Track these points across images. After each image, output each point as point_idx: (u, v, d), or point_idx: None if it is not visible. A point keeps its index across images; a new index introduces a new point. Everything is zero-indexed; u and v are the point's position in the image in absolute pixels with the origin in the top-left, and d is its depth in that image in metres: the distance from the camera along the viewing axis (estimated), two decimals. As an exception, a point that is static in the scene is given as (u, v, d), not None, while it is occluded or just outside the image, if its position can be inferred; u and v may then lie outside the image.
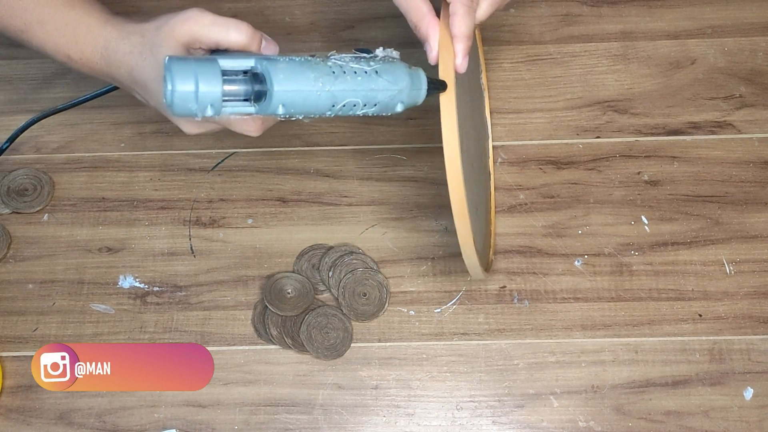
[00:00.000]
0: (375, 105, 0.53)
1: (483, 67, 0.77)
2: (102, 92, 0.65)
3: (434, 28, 0.56)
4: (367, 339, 0.69)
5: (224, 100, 0.49)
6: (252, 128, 0.56)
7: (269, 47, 0.56)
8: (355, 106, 0.52)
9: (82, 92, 0.79)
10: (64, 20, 0.58)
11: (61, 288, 0.71)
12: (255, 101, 0.51)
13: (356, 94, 0.52)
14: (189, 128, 0.58)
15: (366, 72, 0.52)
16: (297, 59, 0.51)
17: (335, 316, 0.70)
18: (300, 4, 0.84)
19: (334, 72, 0.51)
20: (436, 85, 0.55)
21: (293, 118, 0.53)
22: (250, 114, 0.51)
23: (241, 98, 0.51)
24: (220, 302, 0.71)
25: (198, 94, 0.48)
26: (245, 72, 0.51)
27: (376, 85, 0.53)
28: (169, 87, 0.47)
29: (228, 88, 0.49)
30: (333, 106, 0.52)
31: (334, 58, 0.52)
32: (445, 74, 0.54)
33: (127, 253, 0.73)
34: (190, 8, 0.54)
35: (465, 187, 0.54)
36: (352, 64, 0.52)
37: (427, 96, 0.55)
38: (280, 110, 0.50)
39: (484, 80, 0.77)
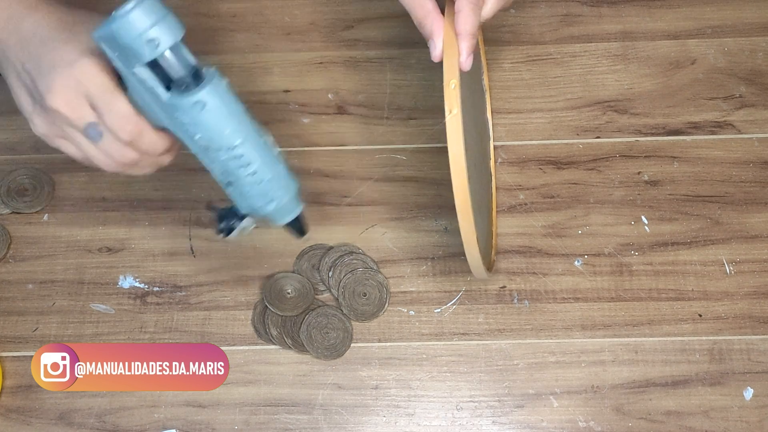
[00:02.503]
0: (259, 180, 0.54)
1: (485, 68, 0.77)
2: None
3: (439, 25, 0.56)
4: (367, 339, 0.69)
5: (156, 67, 0.49)
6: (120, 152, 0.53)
7: None
8: (249, 164, 0.53)
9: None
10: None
11: (61, 288, 0.71)
12: (176, 88, 0.50)
13: (260, 156, 0.53)
14: (39, 124, 0.54)
15: (276, 155, 0.54)
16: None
17: (335, 316, 0.70)
18: (299, 4, 0.84)
19: (257, 130, 0.53)
20: (298, 229, 0.58)
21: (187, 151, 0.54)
22: (156, 92, 0.50)
23: (167, 79, 0.50)
24: (220, 302, 0.71)
25: (150, 31, 0.47)
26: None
27: (276, 169, 0.54)
28: (131, 5, 0.47)
29: (170, 56, 0.49)
30: (235, 146, 0.52)
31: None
32: (450, 72, 0.54)
33: (127, 253, 0.73)
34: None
35: (469, 189, 0.54)
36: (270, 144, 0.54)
37: (286, 225, 0.57)
38: (195, 111, 0.50)
39: (486, 81, 0.77)
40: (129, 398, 0.68)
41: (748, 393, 0.67)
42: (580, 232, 0.73)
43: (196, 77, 0.51)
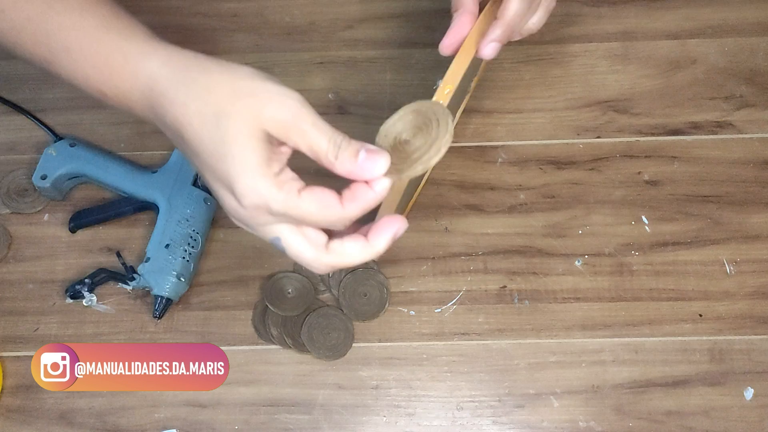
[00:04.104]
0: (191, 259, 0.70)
1: (481, 69, 0.76)
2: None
3: (468, 13, 0.55)
4: (367, 339, 0.69)
5: None
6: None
7: (374, 160, 0.45)
8: (194, 247, 0.70)
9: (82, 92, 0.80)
10: (95, 47, 0.47)
11: (62, 288, 0.71)
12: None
13: (200, 248, 0.71)
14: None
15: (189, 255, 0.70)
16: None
17: (336, 317, 0.69)
18: (299, 3, 0.84)
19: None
20: (160, 307, 0.69)
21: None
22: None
23: None
24: (221, 302, 0.71)
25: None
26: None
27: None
28: None
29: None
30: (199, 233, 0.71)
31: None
32: (451, 76, 0.53)
33: (128, 253, 0.73)
34: (287, 89, 0.44)
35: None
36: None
37: (155, 296, 0.69)
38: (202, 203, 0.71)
39: (474, 83, 0.76)
40: (129, 398, 0.68)
41: (749, 393, 0.67)
42: (580, 232, 0.73)
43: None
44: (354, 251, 0.47)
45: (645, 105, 0.78)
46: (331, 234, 0.48)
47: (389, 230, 0.47)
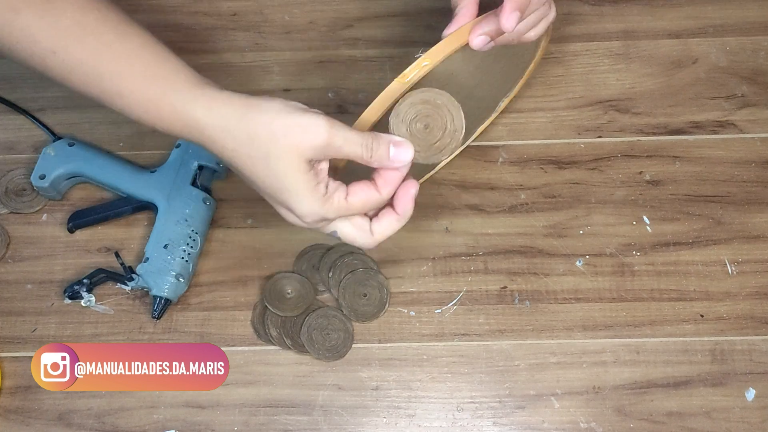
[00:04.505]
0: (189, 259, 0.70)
1: (514, 93, 0.75)
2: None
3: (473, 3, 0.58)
4: (367, 340, 0.69)
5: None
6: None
7: (401, 153, 0.54)
8: (194, 247, 0.70)
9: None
10: (146, 96, 0.53)
11: (60, 288, 0.71)
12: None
13: (199, 248, 0.72)
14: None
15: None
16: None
17: (336, 317, 0.69)
18: (299, 2, 0.84)
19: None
20: (159, 307, 0.69)
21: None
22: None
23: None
24: (220, 303, 0.71)
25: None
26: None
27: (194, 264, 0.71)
28: None
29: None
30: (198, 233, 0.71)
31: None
32: (432, 53, 0.56)
33: (126, 253, 0.72)
34: (312, 116, 0.51)
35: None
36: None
37: (154, 296, 0.69)
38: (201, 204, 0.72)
39: (504, 103, 0.75)
40: (128, 399, 0.67)
41: (750, 394, 0.66)
42: (581, 232, 0.72)
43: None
44: (392, 223, 0.56)
45: (646, 104, 0.77)
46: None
47: (409, 195, 0.56)
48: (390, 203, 0.56)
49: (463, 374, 0.68)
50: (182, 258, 0.69)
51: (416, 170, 0.57)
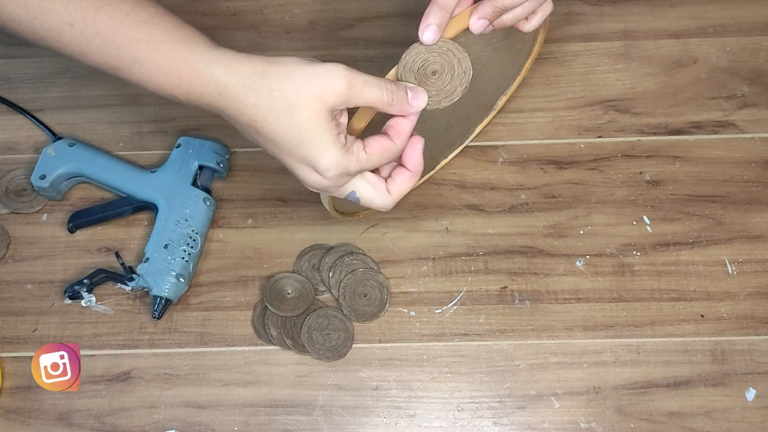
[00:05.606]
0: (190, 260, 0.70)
1: (512, 89, 0.75)
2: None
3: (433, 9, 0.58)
4: (367, 340, 0.69)
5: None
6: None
7: (417, 97, 0.55)
8: (194, 248, 0.70)
9: (81, 91, 0.80)
10: (165, 60, 0.53)
11: (60, 288, 0.71)
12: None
13: (200, 248, 0.72)
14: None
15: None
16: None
17: (336, 317, 0.69)
18: (299, 2, 0.84)
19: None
20: (159, 307, 0.69)
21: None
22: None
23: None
24: (220, 303, 0.71)
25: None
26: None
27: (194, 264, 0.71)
28: None
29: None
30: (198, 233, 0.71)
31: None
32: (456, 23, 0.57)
33: (127, 253, 0.72)
34: (330, 64, 0.51)
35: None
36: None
37: (154, 296, 0.69)
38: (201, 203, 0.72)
39: (502, 101, 0.75)
40: (128, 399, 0.67)
41: (751, 394, 0.66)
42: (581, 232, 0.72)
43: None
44: (406, 181, 0.57)
45: (646, 104, 0.77)
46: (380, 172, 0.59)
47: (417, 149, 0.57)
48: (400, 162, 0.58)
49: (463, 374, 0.68)
50: (182, 258, 0.69)
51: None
